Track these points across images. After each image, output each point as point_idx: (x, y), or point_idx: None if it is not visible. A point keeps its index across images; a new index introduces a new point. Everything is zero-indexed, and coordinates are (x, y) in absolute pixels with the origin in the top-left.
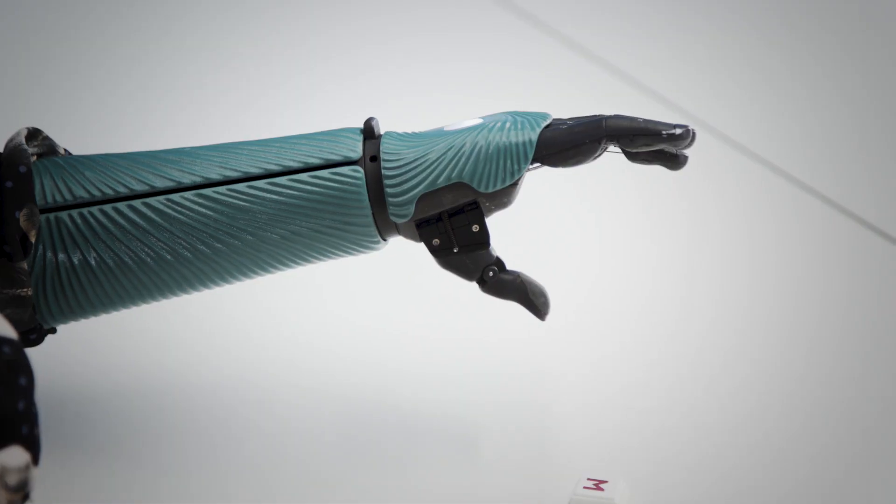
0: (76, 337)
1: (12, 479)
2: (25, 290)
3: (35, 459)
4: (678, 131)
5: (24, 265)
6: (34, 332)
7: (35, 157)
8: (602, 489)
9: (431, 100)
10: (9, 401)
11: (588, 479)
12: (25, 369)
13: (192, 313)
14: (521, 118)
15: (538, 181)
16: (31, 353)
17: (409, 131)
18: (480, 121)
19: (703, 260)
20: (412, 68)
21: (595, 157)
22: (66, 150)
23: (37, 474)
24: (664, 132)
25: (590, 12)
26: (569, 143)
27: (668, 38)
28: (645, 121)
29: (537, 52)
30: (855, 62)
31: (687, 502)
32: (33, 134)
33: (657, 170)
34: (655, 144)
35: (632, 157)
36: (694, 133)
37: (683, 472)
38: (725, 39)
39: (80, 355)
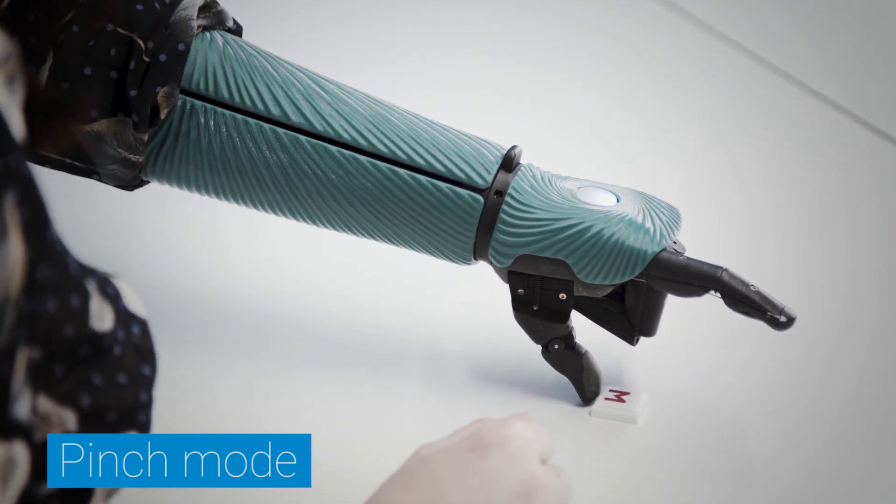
0: None
1: None
2: (138, 157)
3: None
4: (782, 319)
5: (145, 137)
6: (130, 186)
7: (200, 30)
8: (623, 401)
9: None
10: (133, 391)
11: (610, 390)
12: (151, 357)
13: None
14: (652, 214)
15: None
16: None
17: (546, 175)
18: (613, 200)
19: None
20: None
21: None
22: (235, 21)
23: None
24: (769, 314)
25: None
26: (680, 276)
27: None
28: (757, 293)
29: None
30: None
31: (696, 410)
32: (207, 5)
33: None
34: (755, 318)
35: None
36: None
37: (694, 382)
38: None
39: None
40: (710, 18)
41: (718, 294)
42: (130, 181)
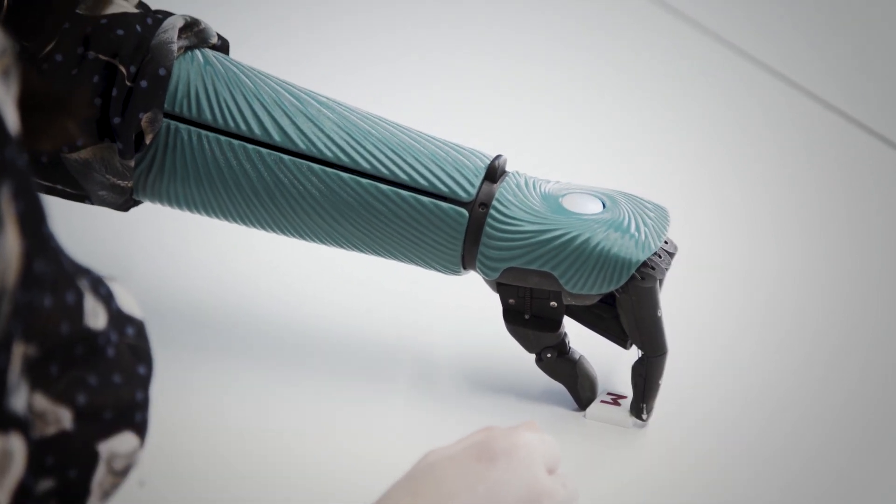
0: None
1: (119, 464)
2: (127, 182)
3: (143, 441)
4: (644, 416)
5: (132, 163)
6: (123, 207)
7: (182, 51)
8: (619, 404)
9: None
10: (128, 390)
11: (608, 393)
12: (146, 356)
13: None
14: (638, 219)
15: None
16: None
17: (532, 182)
18: (600, 206)
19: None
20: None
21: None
22: (219, 36)
23: (141, 454)
24: (644, 406)
25: None
26: (644, 317)
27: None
28: (657, 387)
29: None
30: None
31: (694, 412)
32: (189, 25)
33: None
34: (634, 392)
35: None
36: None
37: (692, 383)
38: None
39: None
40: (709, 20)
41: (642, 356)
42: (122, 206)
